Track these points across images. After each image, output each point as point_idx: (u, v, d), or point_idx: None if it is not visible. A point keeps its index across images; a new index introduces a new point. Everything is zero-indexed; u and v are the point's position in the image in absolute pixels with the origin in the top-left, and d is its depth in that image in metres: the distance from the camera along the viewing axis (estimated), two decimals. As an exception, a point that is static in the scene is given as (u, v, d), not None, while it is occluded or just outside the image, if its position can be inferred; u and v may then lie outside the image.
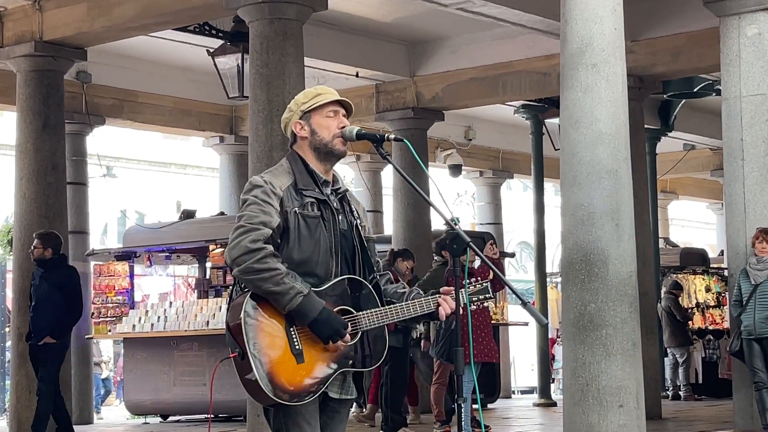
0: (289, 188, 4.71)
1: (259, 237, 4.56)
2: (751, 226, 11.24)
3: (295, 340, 4.55)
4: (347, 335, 4.58)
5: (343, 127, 4.80)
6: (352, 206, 4.89)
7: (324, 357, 4.58)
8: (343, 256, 4.76)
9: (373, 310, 4.70)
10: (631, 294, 9.42)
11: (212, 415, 15.46)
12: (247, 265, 4.53)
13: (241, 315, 4.53)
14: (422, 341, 13.73)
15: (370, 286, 4.77)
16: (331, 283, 4.68)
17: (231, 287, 4.77)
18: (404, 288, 4.89)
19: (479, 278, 4.96)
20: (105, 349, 25.49)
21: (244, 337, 4.49)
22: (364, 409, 14.78)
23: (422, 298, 4.78)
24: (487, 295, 4.88)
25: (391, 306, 4.75)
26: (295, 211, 4.68)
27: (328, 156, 4.82)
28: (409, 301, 4.77)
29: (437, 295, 4.78)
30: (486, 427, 12.80)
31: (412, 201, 16.67)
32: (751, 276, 11.31)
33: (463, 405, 4.79)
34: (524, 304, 4.64)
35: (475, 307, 4.87)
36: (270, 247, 4.57)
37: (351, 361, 4.65)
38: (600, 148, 9.44)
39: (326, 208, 4.76)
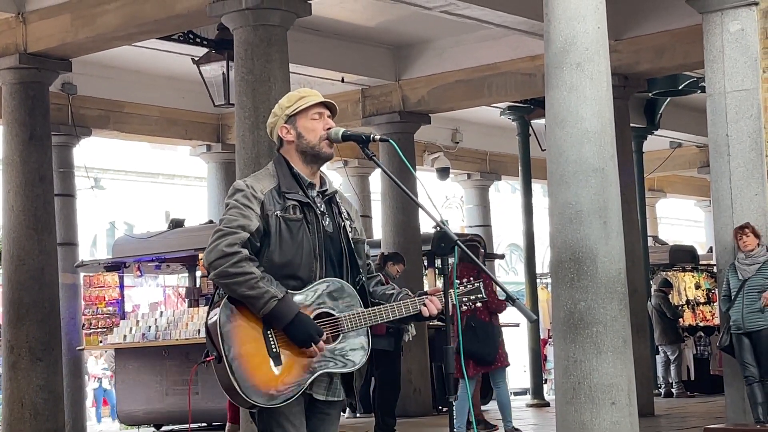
0: (271, 191, 4.71)
1: (236, 241, 4.58)
2: (738, 221, 11.27)
3: (272, 343, 4.56)
4: (321, 342, 4.58)
5: (329, 128, 4.81)
6: (342, 208, 4.88)
7: (302, 360, 4.59)
8: (329, 259, 4.76)
9: (356, 312, 4.70)
10: (621, 291, 9.45)
11: (194, 424, 15.44)
12: (222, 269, 4.55)
13: (218, 318, 4.55)
14: None
15: (353, 289, 4.77)
16: (311, 286, 4.68)
17: (213, 291, 4.79)
18: (393, 289, 4.89)
19: (471, 278, 4.95)
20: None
21: (220, 341, 4.52)
22: (357, 414, 14.76)
23: (408, 299, 4.79)
24: (478, 296, 4.88)
25: (377, 307, 4.75)
26: (277, 215, 4.68)
27: (314, 158, 4.82)
28: (395, 303, 4.78)
29: (424, 296, 4.80)
30: (492, 426, 12.84)
31: (400, 205, 16.68)
32: (739, 271, 11.35)
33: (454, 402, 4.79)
34: (513, 301, 4.65)
35: (465, 307, 4.87)
36: (245, 251, 4.58)
37: (331, 364, 4.65)
38: (586, 147, 9.47)
39: (310, 211, 4.76)
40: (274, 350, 4.55)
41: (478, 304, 4.88)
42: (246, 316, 4.57)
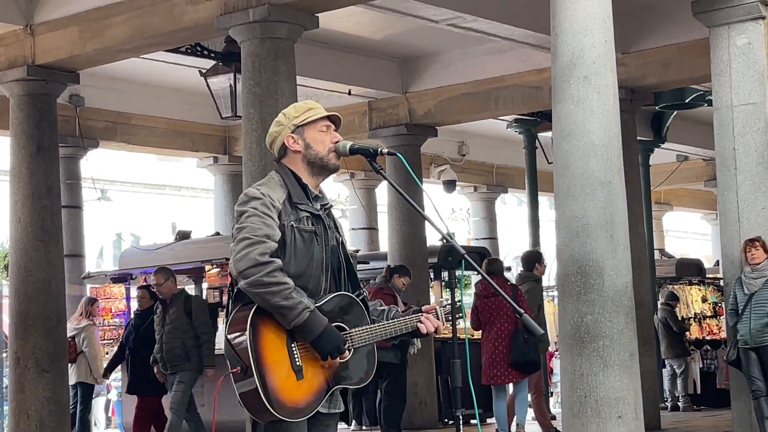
0: (285, 202, 4.71)
1: (266, 250, 4.55)
2: (745, 234, 11.25)
3: (295, 356, 4.56)
4: (345, 351, 4.61)
5: (337, 141, 4.82)
6: (336, 222, 4.92)
7: (321, 374, 4.61)
8: (332, 272, 4.78)
9: (364, 327, 4.73)
10: (627, 305, 9.44)
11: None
12: (256, 278, 4.51)
13: (247, 330, 4.52)
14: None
15: (360, 303, 4.79)
16: (327, 298, 4.70)
17: (227, 302, 4.77)
18: (383, 305, 4.92)
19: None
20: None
21: (249, 352, 4.49)
22: (364, 426, 14.77)
23: (406, 316, 4.82)
24: (460, 315, 4.92)
25: (380, 324, 4.78)
26: (292, 225, 4.68)
27: (321, 170, 4.84)
28: (395, 319, 4.81)
29: (420, 313, 4.82)
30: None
31: (407, 217, 16.68)
32: (746, 286, 11.33)
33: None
34: (519, 315, 4.65)
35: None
36: (278, 261, 4.56)
37: (345, 378, 4.67)
38: (593, 160, 9.47)
39: (319, 223, 4.78)
40: (298, 363, 4.55)
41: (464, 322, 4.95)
42: (271, 329, 4.55)
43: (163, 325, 12.70)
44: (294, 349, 4.56)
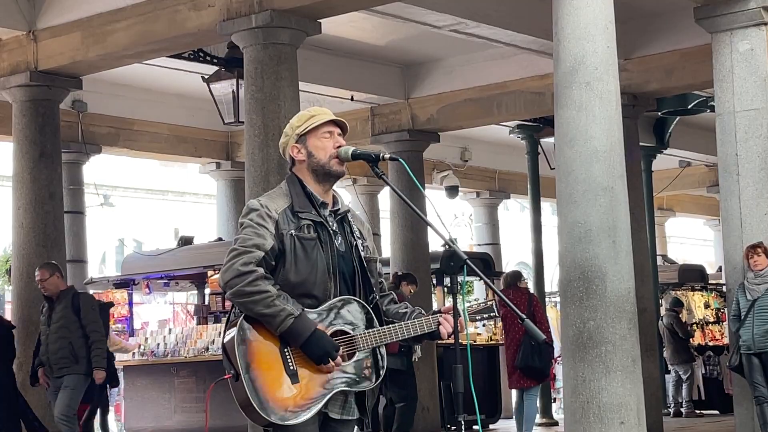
0: (285, 211, 4.73)
1: (251, 260, 4.59)
2: (747, 240, 11.26)
3: (289, 360, 4.57)
4: (339, 357, 4.60)
5: (339, 146, 4.83)
6: (354, 227, 4.89)
7: (319, 377, 4.60)
8: (342, 277, 4.77)
9: (370, 330, 4.72)
10: (630, 310, 9.44)
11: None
12: (238, 288, 4.56)
13: (235, 336, 4.56)
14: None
15: (368, 307, 4.78)
16: (327, 304, 4.70)
17: (230, 309, 4.80)
18: (406, 308, 4.91)
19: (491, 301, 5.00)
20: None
21: (237, 359, 4.53)
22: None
23: (423, 318, 4.80)
24: (491, 314, 4.91)
25: (391, 326, 4.76)
26: (291, 234, 4.70)
27: (326, 177, 4.84)
28: (409, 321, 4.79)
29: (438, 314, 4.81)
30: None
31: (409, 223, 16.69)
32: (748, 291, 11.33)
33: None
34: (522, 320, 4.65)
35: (474, 329, 4.92)
36: (260, 270, 4.59)
37: (347, 382, 4.66)
38: (595, 166, 9.48)
39: (323, 230, 4.77)
40: (291, 368, 4.57)
41: (491, 322, 4.94)
42: (263, 335, 4.59)
43: (48, 325, 11.63)
44: (287, 353, 4.58)
